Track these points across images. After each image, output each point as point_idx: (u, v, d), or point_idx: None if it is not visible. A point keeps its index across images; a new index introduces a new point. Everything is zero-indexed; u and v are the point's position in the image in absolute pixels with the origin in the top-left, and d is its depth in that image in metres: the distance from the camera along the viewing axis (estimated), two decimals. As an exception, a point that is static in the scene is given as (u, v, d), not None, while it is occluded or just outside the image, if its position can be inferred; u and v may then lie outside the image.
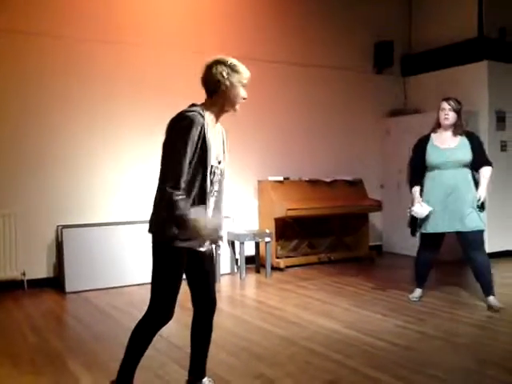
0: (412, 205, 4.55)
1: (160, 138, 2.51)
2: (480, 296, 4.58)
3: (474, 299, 4.71)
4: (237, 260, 6.14)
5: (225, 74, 2.46)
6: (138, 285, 5.35)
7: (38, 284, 5.44)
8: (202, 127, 2.40)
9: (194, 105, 2.51)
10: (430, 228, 4.46)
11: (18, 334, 3.97)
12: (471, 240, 4.34)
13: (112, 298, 5.05)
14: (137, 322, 2.53)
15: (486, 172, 4.40)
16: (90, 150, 5.72)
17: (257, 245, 6.27)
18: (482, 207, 4.35)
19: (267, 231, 6.13)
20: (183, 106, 2.52)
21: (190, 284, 2.63)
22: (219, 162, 2.56)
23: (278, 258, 6.40)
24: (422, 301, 4.67)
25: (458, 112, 4.43)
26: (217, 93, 2.49)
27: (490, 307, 4.33)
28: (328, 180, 6.89)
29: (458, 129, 4.46)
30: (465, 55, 7.00)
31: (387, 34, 7.64)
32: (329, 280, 5.69)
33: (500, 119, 6.84)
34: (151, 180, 5.71)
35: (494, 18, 6.90)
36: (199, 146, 2.39)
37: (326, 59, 7.24)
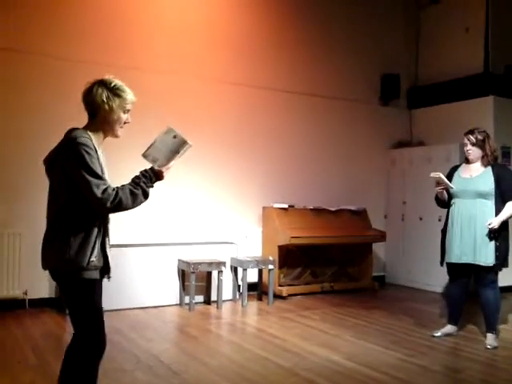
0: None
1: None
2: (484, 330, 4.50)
3: (479, 334, 4.65)
4: (239, 286, 6.11)
5: (104, 97, 2.30)
6: (142, 308, 5.34)
7: (39, 304, 5.44)
8: (96, 152, 2.27)
9: (76, 129, 2.33)
10: (447, 257, 4.45)
11: (19, 354, 3.96)
12: (480, 274, 4.30)
13: (114, 320, 5.01)
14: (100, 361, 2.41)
15: (508, 206, 4.25)
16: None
17: (260, 272, 6.26)
18: (494, 237, 4.20)
19: (270, 258, 6.13)
20: (194, 130, 2.50)
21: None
22: None
23: (280, 285, 6.38)
24: (443, 338, 4.50)
25: (480, 145, 4.36)
26: (97, 116, 2.35)
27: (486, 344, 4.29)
28: (333, 209, 6.91)
29: (484, 160, 4.39)
30: (471, 90, 7.08)
31: (394, 67, 7.77)
32: (331, 310, 5.66)
33: (505, 154, 6.86)
34: (158, 202, 5.79)
35: (500, 55, 7.02)
36: None
37: (332, 90, 7.34)
